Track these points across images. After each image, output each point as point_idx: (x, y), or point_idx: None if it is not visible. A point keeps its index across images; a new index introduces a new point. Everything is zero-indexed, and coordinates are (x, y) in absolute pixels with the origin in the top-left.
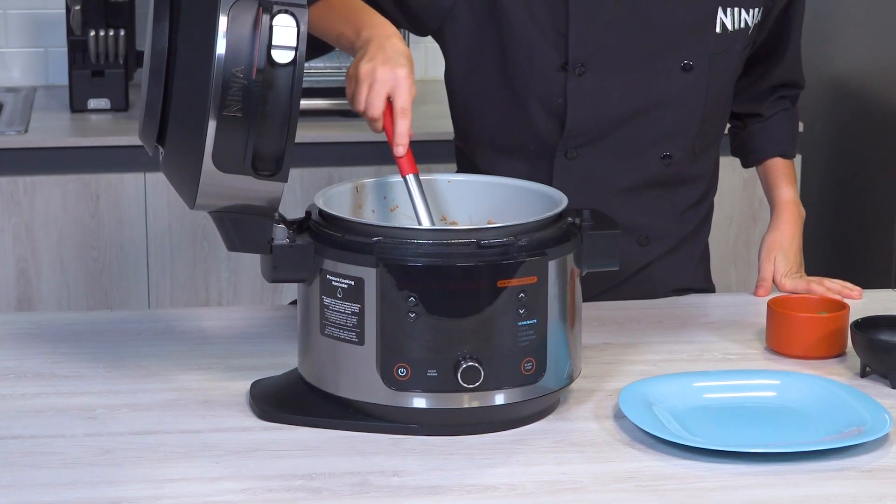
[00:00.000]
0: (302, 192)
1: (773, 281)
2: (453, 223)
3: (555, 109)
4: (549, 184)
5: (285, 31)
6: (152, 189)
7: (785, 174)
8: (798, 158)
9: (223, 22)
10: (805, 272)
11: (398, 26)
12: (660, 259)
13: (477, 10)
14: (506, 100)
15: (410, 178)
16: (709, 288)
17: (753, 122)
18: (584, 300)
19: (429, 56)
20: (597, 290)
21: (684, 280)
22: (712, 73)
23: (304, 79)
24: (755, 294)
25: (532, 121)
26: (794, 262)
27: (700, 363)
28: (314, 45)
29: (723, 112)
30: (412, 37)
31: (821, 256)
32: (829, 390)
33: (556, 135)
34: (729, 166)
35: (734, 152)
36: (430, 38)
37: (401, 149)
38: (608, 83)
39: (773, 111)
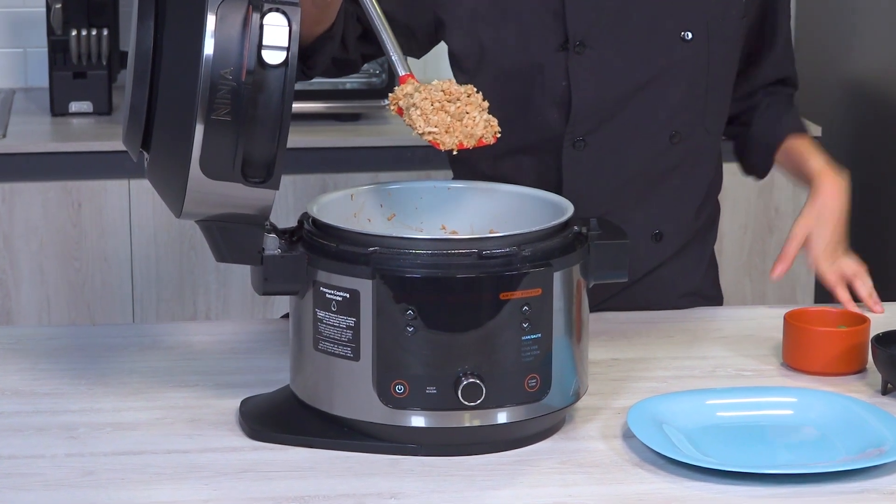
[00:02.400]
0: (294, 199)
1: (810, 258)
2: (453, 232)
3: (559, 96)
4: (559, 178)
5: (276, 31)
6: (137, 197)
7: (811, 148)
8: None
9: (211, 21)
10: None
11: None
12: (671, 260)
13: (469, 9)
14: (509, 97)
15: None
16: (717, 296)
17: (756, 114)
18: (592, 304)
19: (428, 61)
20: (605, 294)
21: (694, 284)
22: (711, 42)
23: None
24: (771, 274)
25: (537, 114)
26: (833, 239)
27: (713, 380)
28: (340, 65)
29: (728, 87)
30: None
31: None
32: (848, 408)
33: (562, 124)
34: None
35: (746, 166)
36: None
37: None
38: (609, 59)
39: (771, 99)
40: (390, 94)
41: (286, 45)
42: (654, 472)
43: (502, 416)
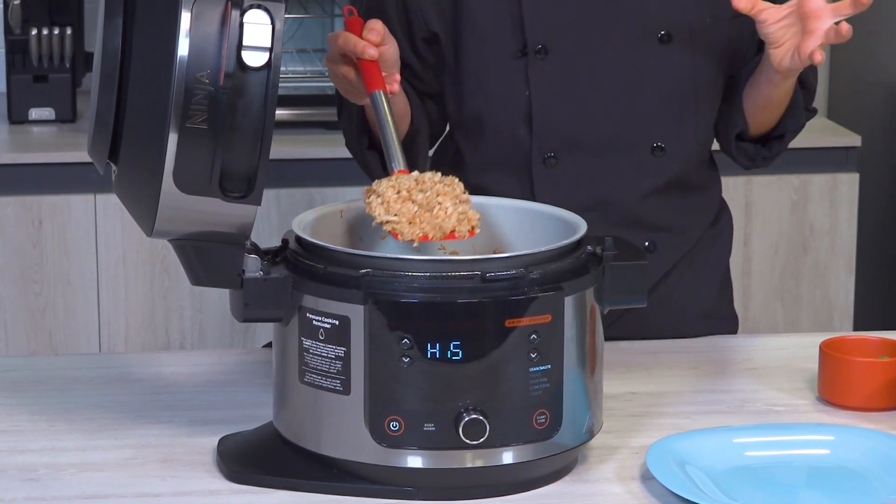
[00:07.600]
0: (278, 216)
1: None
2: (454, 252)
3: (524, 107)
4: (535, 198)
5: (258, 30)
6: (104, 213)
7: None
8: (855, 176)
9: (186, 19)
10: (859, 303)
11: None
12: (680, 278)
13: (445, 22)
14: (476, 109)
15: (378, 94)
16: (733, 317)
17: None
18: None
19: None
20: (612, 315)
21: (708, 305)
22: (696, 43)
23: (280, 85)
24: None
25: (507, 127)
26: None
27: (741, 415)
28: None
29: (717, 91)
30: None
31: (880, 285)
32: (890, 447)
33: (531, 138)
34: (775, 186)
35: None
36: None
37: (371, 50)
38: (575, 65)
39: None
40: (365, 189)
41: (269, 45)
42: None
43: (508, 456)
